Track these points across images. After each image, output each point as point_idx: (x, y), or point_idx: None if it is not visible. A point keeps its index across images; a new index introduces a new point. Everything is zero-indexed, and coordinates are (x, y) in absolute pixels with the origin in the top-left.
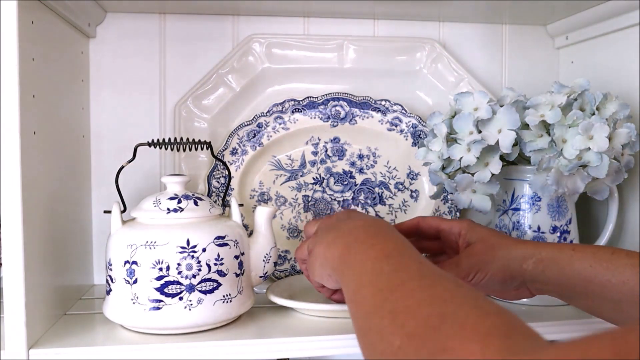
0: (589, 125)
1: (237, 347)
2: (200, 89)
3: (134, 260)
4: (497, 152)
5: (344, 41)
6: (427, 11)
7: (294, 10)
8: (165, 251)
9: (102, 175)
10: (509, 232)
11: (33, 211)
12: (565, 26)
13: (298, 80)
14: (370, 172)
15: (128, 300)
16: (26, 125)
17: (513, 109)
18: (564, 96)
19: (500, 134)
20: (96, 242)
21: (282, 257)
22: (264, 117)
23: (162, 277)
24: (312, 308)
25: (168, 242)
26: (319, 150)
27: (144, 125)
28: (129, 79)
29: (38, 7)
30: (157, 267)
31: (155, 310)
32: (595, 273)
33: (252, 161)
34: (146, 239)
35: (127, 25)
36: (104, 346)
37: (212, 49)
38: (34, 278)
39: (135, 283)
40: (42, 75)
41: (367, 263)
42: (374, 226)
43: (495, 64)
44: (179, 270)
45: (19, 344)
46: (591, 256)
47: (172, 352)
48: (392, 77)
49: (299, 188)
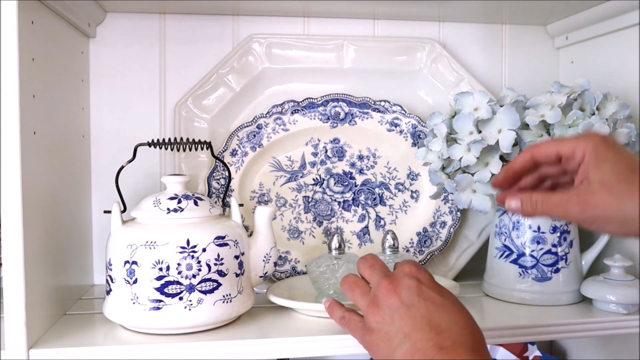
0: (589, 126)
1: (237, 347)
2: (200, 89)
3: (134, 260)
4: (497, 152)
5: (344, 41)
6: (427, 11)
7: (294, 10)
8: (165, 251)
9: (102, 175)
10: (508, 232)
11: (33, 211)
12: (565, 26)
13: (298, 80)
14: (370, 172)
15: (128, 300)
16: (26, 125)
17: (513, 109)
18: (564, 96)
19: (500, 134)
20: (96, 242)
21: (282, 258)
22: (263, 118)
23: (162, 277)
24: (312, 308)
25: (168, 242)
26: (318, 151)
27: (144, 125)
28: (129, 79)
29: (38, 7)
30: (157, 267)
31: (155, 310)
32: None
33: (252, 162)
34: (146, 239)
35: (127, 25)
36: (104, 346)
37: (212, 49)
38: (34, 278)
39: (135, 283)
40: (42, 75)
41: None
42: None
43: (495, 64)
44: (179, 270)
45: (19, 344)
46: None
47: (172, 352)
48: (392, 77)
49: (299, 189)
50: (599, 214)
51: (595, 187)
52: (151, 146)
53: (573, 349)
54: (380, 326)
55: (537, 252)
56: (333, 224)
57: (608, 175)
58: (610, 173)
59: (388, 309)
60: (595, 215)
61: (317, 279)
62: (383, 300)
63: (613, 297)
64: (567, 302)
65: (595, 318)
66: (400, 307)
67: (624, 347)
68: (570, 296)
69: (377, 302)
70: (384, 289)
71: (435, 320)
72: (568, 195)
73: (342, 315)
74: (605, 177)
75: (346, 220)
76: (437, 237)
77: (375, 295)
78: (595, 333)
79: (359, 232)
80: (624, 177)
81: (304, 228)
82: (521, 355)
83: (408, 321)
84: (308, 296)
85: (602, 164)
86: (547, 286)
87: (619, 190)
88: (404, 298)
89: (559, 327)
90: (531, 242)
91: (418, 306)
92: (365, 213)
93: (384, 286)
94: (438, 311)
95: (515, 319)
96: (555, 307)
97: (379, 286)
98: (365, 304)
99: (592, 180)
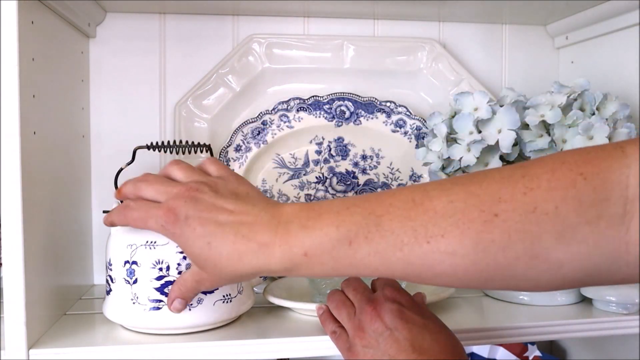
0: (588, 126)
1: (237, 347)
2: (200, 89)
3: (134, 260)
4: (497, 152)
5: (344, 41)
6: (427, 11)
7: (294, 10)
8: (165, 251)
9: (102, 175)
10: None
11: (33, 211)
12: (565, 26)
13: (298, 80)
14: (373, 173)
15: (128, 300)
16: (26, 125)
17: (513, 109)
18: (564, 96)
19: (500, 134)
20: (96, 242)
21: None
22: (268, 114)
23: (162, 277)
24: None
25: (168, 242)
26: (322, 150)
27: (144, 126)
28: (129, 79)
29: (38, 7)
30: (157, 267)
31: (156, 310)
32: None
33: (255, 158)
34: (146, 239)
35: (127, 25)
36: (104, 346)
37: (212, 49)
38: (34, 278)
39: (135, 283)
40: (42, 75)
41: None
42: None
43: (495, 64)
44: (179, 270)
45: (19, 344)
46: None
47: (172, 352)
48: (392, 77)
49: (301, 187)
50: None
51: None
52: (150, 149)
53: (573, 349)
54: (367, 350)
55: None
56: None
57: None
58: None
59: (373, 332)
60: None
61: (314, 278)
62: (368, 325)
63: (613, 297)
64: (567, 303)
65: (595, 318)
66: (385, 331)
67: (624, 347)
68: (570, 297)
69: (363, 327)
70: (368, 314)
71: (418, 341)
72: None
73: (333, 330)
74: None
75: None
76: None
77: (360, 321)
78: (595, 333)
79: None
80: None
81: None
82: (521, 355)
83: (393, 344)
84: (306, 296)
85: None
86: None
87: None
88: (388, 322)
89: (559, 327)
90: None
91: (401, 329)
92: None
93: (368, 312)
94: (420, 332)
95: (515, 319)
96: (555, 307)
97: (363, 312)
98: (352, 328)
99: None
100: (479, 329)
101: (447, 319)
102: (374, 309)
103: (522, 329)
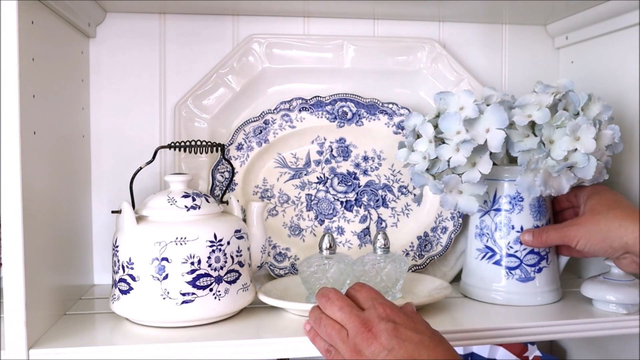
0: (576, 127)
1: (236, 347)
2: (200, 89)
3: (164, 257)
4: (485, 152)
5: (344, 41)
6: (427, 11)
7: (294, 10)
8: (196, 246)
9: (102, 175)
10: (491, 233)
11: (33, 211)
12: (565, 26)
13: (298, 80)
14: (374, 174)
15: (157, 297)
16: (26, 125)
17: (501, 107)
18: (550, 96)
19: (489, 133)
20: (96, 242)
21: (282, 255)
22: (271, 114)
23: (194, 271)
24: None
25: (198, 237)
26: (324, 150)
27: (144, 125)
28: (129, 79)
29: (38, 7)
30: (189, 262)
31: (188, 303)
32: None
33: (257, 157)
34: (176, 235)
35: (127, 25)
36: (104, 346)
37: (212, 49)
38: (34, 278)
39: (165, 279)
40: (42, 75)
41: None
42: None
43: (495, 64)
44: (209, 263)
45: (19, 344)
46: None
47: (172, 352)
48: (392, 77)
49: (302, 186)
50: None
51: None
52: (171, 149)
53: (573, 349)
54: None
55: (521, 252)
56: (334, 223)
57: (596, 205)
58: (597, 203)
59: (371, 354)
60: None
61: (308, 278)
62: (365, 348)
63: (613, 297)
64: (549, 301)
65: (595, 318)
66: (382, 351)
67: (624, 347)
68: (552, 295)
69: (359, 350)
70: (364, 337)
71: (415, 358)
72: (562, 227)
73: (327, 348)
74: (594, 206)
75: (348, 220)
76: (437, 242)
77: (356, 344)
78: (595, 333)
79: (360, 232)
80: (604, 205)
81: (305, 226)
82: (521, 355)
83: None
84: (301, 296)
85: (590, 201)
86: (528, 287)
87: (603, 216)
88: (384, 343)
89: (559, 327)
90: (514, 242)
91: (398, 348)
92: (367, 214)
93: (363, 334)
94: (417, 349)
95: (515, 319)
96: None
97: (358, 334)
98: (348, 351)
99: (582, 210)
100: (479, 329)
101: (447, 319)
102: (369, 330)
103: (522, 329)
